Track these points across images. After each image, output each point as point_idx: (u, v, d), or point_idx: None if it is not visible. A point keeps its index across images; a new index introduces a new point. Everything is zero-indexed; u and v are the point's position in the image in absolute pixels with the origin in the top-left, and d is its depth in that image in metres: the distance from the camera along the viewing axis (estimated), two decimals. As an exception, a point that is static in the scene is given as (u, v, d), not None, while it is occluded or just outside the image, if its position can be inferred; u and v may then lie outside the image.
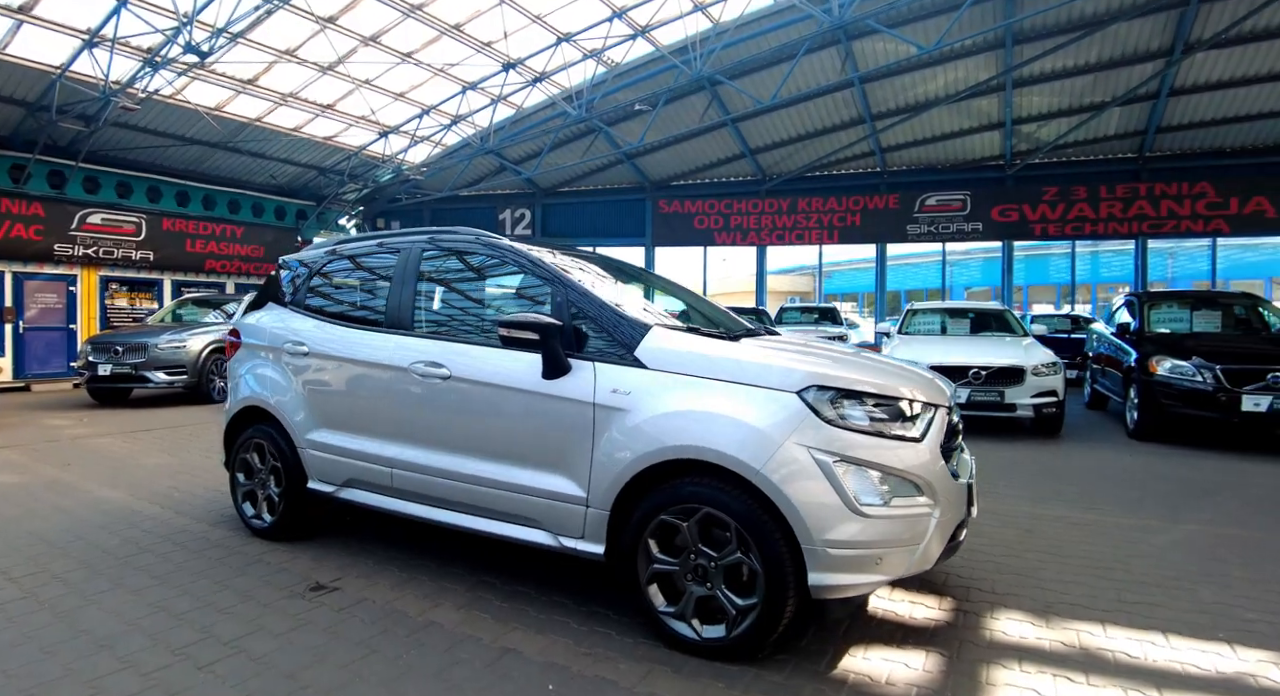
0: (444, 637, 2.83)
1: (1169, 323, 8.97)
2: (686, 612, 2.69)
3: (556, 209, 21.12)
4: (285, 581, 3.42)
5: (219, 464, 5.98)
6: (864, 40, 14.67)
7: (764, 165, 19.44)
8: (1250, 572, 3.68)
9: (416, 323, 3.55)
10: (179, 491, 5.12)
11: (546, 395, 2.97)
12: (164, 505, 4.75)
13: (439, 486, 3.32)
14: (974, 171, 18.97)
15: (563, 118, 16.27)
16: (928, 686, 2.51)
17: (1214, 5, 13.12)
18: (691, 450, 2.63)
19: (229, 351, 4.46)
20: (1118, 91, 15.49)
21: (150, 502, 4.80)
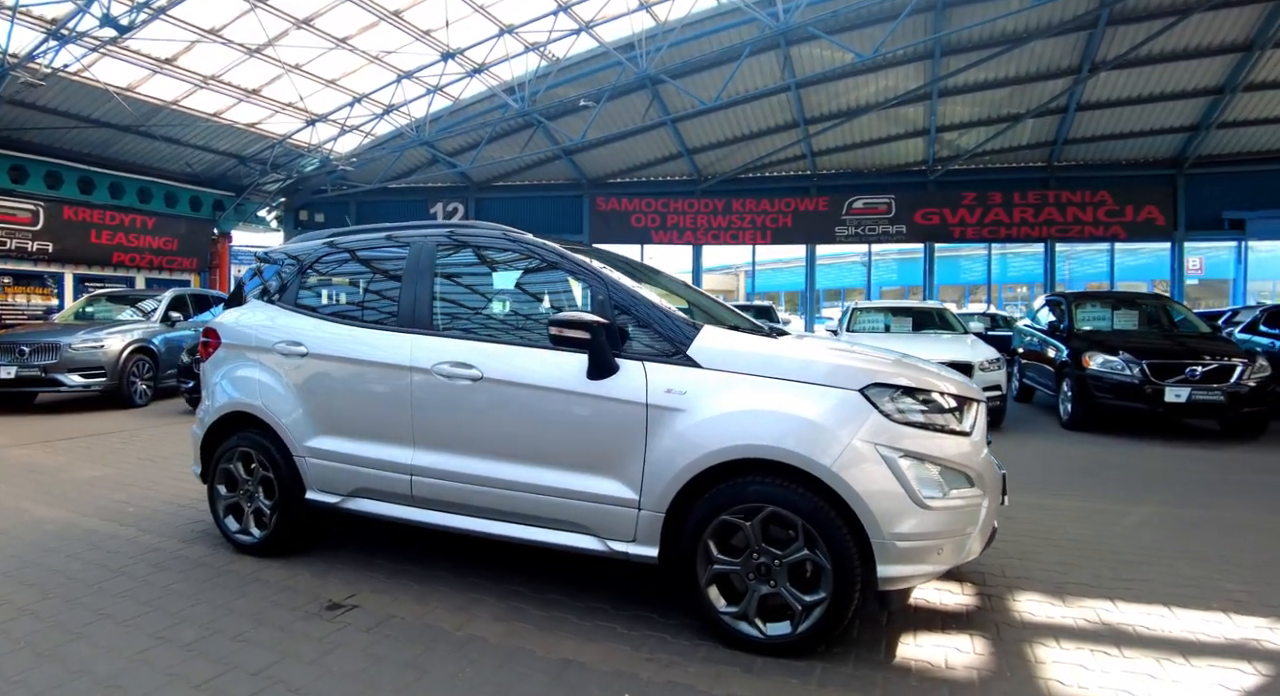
0: (494, 652, 2.70)
1: (1093, 321, 9.65)
2: (749, 612, 2.68)
3: (491, 204, 20.71)
4: (294, 601, 3.17)
5: (169, 475, 5.57)
6: (803, 46, 15.06)
7: (700, 165, 19.69)
8: (1213, 548, 4.00)
9: (435, 321, 3.36)
10: (132, 506, 4.69)
11: (594, 396, 2.88)
12: (121, 522, 4.34)
13: (469, 493, 3.15)
14: (898, 176, 19.83)
15: (502, 110, 15.98)
16: (986, 668, 2.61)
17: (1118, 29, 14.17)
18: (760, 449, 2.63)
19: (204, 353, 4.09)
20: (1032, 104, 16.53)
21: (103, 520, 4.37)
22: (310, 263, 3.90)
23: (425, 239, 3.54)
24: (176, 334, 10.70)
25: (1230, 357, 7.55)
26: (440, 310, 3.40)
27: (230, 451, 3.80)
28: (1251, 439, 7.65)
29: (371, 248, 3.78)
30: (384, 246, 3.72)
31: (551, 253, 3.23)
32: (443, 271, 3.49)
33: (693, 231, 20.31)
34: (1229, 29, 14.06)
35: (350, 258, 3.85)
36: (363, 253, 3.81)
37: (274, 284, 3.98)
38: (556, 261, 3.22)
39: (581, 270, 3.13)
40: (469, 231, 3.49)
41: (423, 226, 3.65)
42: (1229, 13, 13.60)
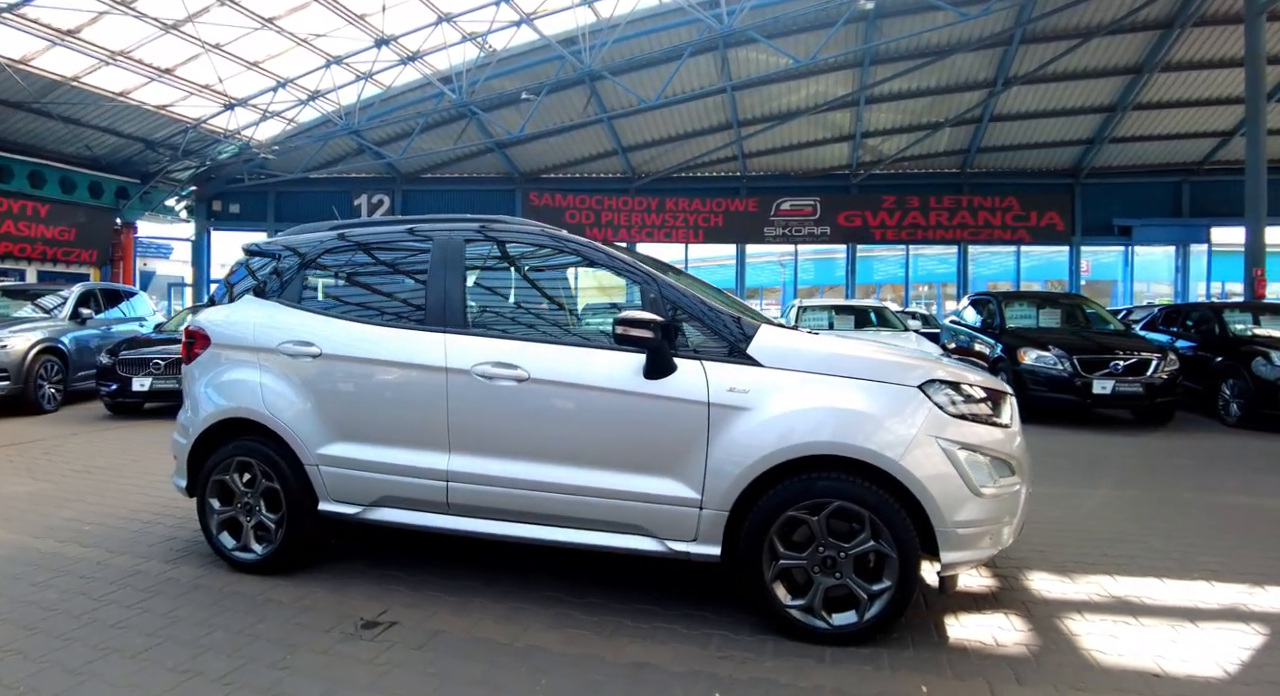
0: (560, 661, 2.62)
1: (1021, 319, 10.34)
2: (815, 604, 2.74)
3: (419, 196, 20.10)
4: (320, 621, 2.96)
5: (114, 488, 5.10)
6: (741, 49, 15.37)
7: (635, 163, 19.79)
8: (1171, 525, 4.39)
9: (468, 320, 3.22)
10: (87, 524, 4.25)
11: (653, 396, 2.85)
12: (82, 543, 3.91)
13: (513, 498, 3.04)
14: (823, 179, 20.58)
15: (436, 100, 15.56)
16: (1032, 643, 2.78)
17: (1029, 47, 15.22)
18: (832, 446, 2.68)
19: (187, 355, 3.74)
20: (950, 114, 17.52)
21: (60, 541, 3.93)
22: (315, 256, 3.64)
23: (450, 233, 3.39)
24: (87, 332, 9.87)
25: (1146, 352, 8.27)
26: (473, 308, 3.27)
27: (225, 462, 3.48)
28: (1160, 426, 8.39)
29: (387, 242, 3.60)
30: (402, 240, 3.55)
31: (595, 250, 3.19)
32: (473, 267, 3.35)
33: (627, 229, 20.38)
34: (1122, 53, 15.36)
35: (362, 252, 3.63)
36: (377, 247, 3.62)
37: (270, 279, 3.69)
38: (600, 259, 3.17)
39: (629, 268, 3.10)
40: (503, 227, 3.38)
41: (446, 220, 3.50)
42: (1123, 38, 14.85)
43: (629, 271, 3.11)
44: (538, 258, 3.41)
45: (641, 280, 3.05)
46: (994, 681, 2.50)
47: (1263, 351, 8.34)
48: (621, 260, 3.14)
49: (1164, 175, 19.07)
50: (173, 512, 4.45)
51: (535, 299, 3.45)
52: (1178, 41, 14.67)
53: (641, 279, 3.05)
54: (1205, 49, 15.00)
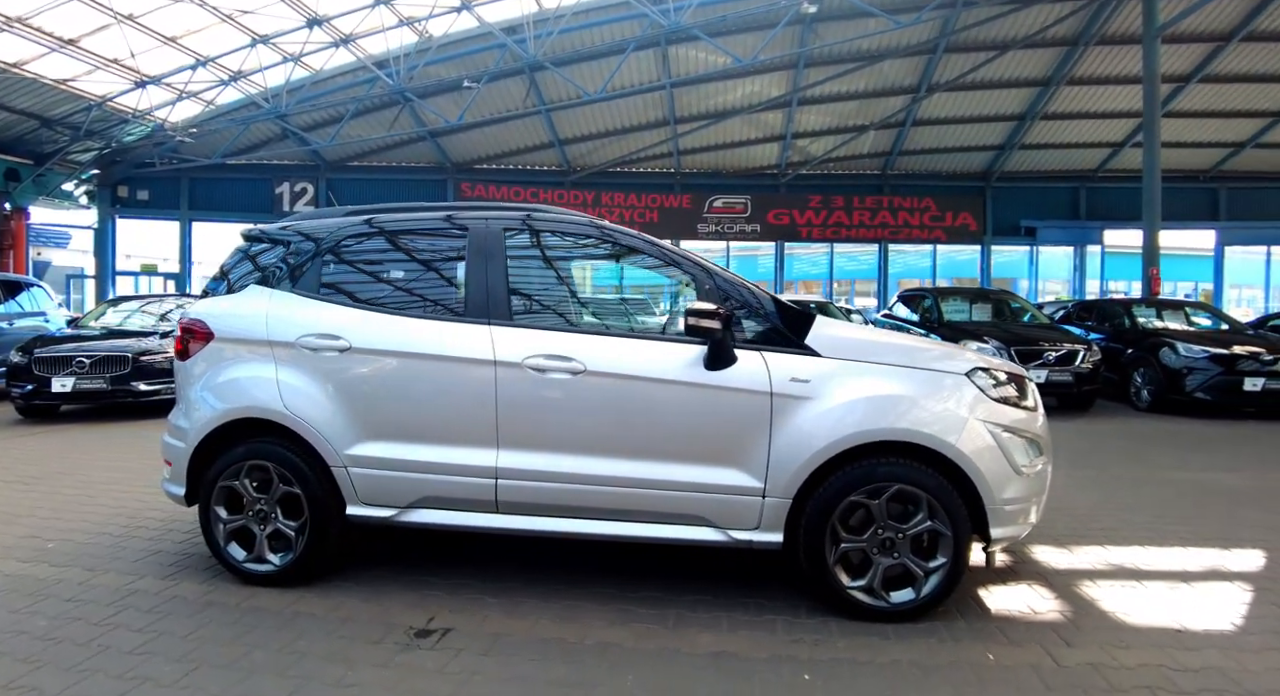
0: (640, 656, 2.61)
1: (956, 313, 10.98)
2: (875, 584, 2.86)
3: (345, 185, 19.27)
4: (366, 633, 2.80)
5: (62, 499, 4.63)
6: (682, 46, 15.54)
7: (571, 157, 19.68)
8: (1133, 500, 4.79)
9: (513, 312, 3.14)
10: (49, 540, 3.84)
11: (714, 387, 2.89)
12: (52, 562, 3.53)
13: (568, 494, 2.99)
14: (754, 178, 21.07)
15: (369, 86, 14.99)
16: (1065, 609, 3.01)
17: (952, 56, 16.09)
18: (893, 432, 2.81)
19: (181, 351, 3.45)
20: (876, 117, 18.30)
21: (24, 561, 3.54)
22: (334, 243, 3.43)
23: (488, 222, 3.29)
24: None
25: (1072, 344, 8.96)
26: (517, 300, 3.20)
27: (235, 466, 3.23)
28: (1083, 413, 9.10)
29: (419, 229, 3.44)
30: (435, 228, 3.42)
31: (646, 242, 3.20)
32: (514, 257, 3.27)
33: (562, 223, 20.24)
34: (1033, 66, 16.47)
35: (389, 240, 3.47)
36: (407, 234, 3.46)
37: (279, 268, 3.46)
38: (652, 251, 3.19)
39: (683, 260, 3.14)
40: (546, 216, 3.33)
41: (486, 207, 3.40)
42: (1035, 52, 15.93)
43: (682, 263, 3.15)
44: (583, 248, 3.38)
45: (696, 272, 3.09)
46: (1047, 646, 2.70)
47: (1169, 343, 9.18)
48: (674, 252, 3.18)
49: (1064, 181, 20.57)
50: (146, 523, 4.14)
51: (583, 291, 3.42)
52: (1081, 58, 15.86)
53: (697, 271, 3.09)
54: (1104, 66, 16.27)
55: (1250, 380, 8.63)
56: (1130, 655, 2.63)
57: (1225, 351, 8.77)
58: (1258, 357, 8.74)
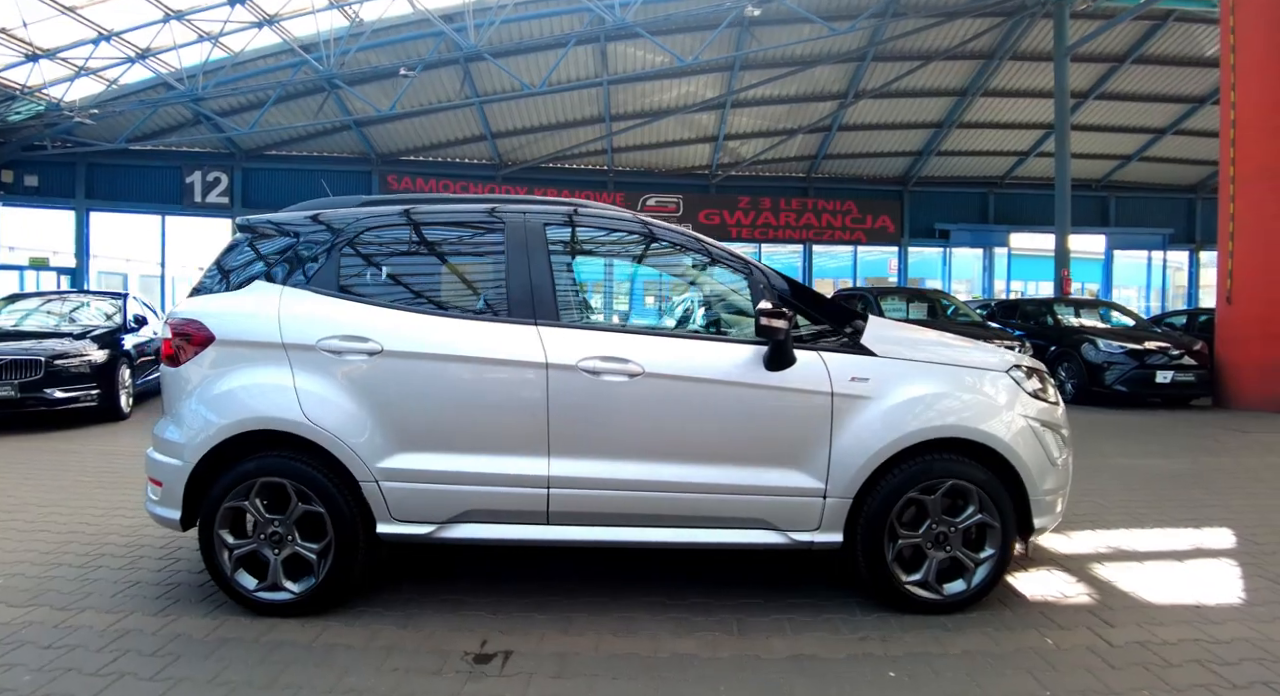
0: (721, 666, 2.55)
1: (893, 313, 11.45)
2: (929, 577, 2.93)
3: (261, 175, 18.16)
4: (419, 663, 2.57)
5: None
6: (621, 44, 15.51)
7: (503, 150, 19.29)
8: (1098, 485, 5.09)
9: (560, 311, 3.00)
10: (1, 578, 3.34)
11: (776, 388, 2.86)
12: (13, 603, 3.05)
13: (624, 501, 2.89)
14: (685, 178, 21.29)
15: (294, 69, 14.19)
16: (1091, 592, 3.19)
17: (878, 65, 16.77)
18: (951, 429, 2.88)
19: (172, 355, 3.08)
20: (804, 122, 18.85)
21: None
22: (354, 235, 3.16)
23: (526, 217, 3.13)
24: None
25: (1006, 341, 9.53)
26: (563, 299, 3.06)
27: (244, 484, 2.92)
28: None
29: (452, 222, 3.24)
30: (471, 221, 3.22)
31: (696, 241, 3.16)
32: (556, 254, 3.13)
33: (493, 218, 19.83)
34: (952, 77, 17.39)
35: (414, 231, 3.24)
36: (434, 226, 3.25)
37: (289, 262, 3.16)
38: (702, 249, 3.16)
39: (734, 259, 3.13)
40: (589, 211, 3.22)
41: (526, 202, 3.24)
42: (955, 63, 16.82)
43: (733, 262, 3.13)
44: (627, 246, 3.31)
45: (749, 271, 3.08)
46: (1093, 627, 2.85)
47: (1090, 339, 9.93)
48: (728, 251, 3.16)
49: (975, 186, 21.81)
50: (108, 551, 3.70)
51: (631, 289, 3.35)
52: (995, 71, 16.86)
53: (752, 270, 3.07)
54: (1015, 80, 17.37)
55: (1161, 373, 9.45)
56: (1168, 632, 2.81)
57: (1139, 347, 9.56)
58: (1167, 352, 9.57)
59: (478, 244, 3.24)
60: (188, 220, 17.73)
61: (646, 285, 3.37)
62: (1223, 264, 9.75)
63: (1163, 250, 21.79)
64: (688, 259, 3.24)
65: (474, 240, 3.25)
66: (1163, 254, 21.85)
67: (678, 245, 3.19)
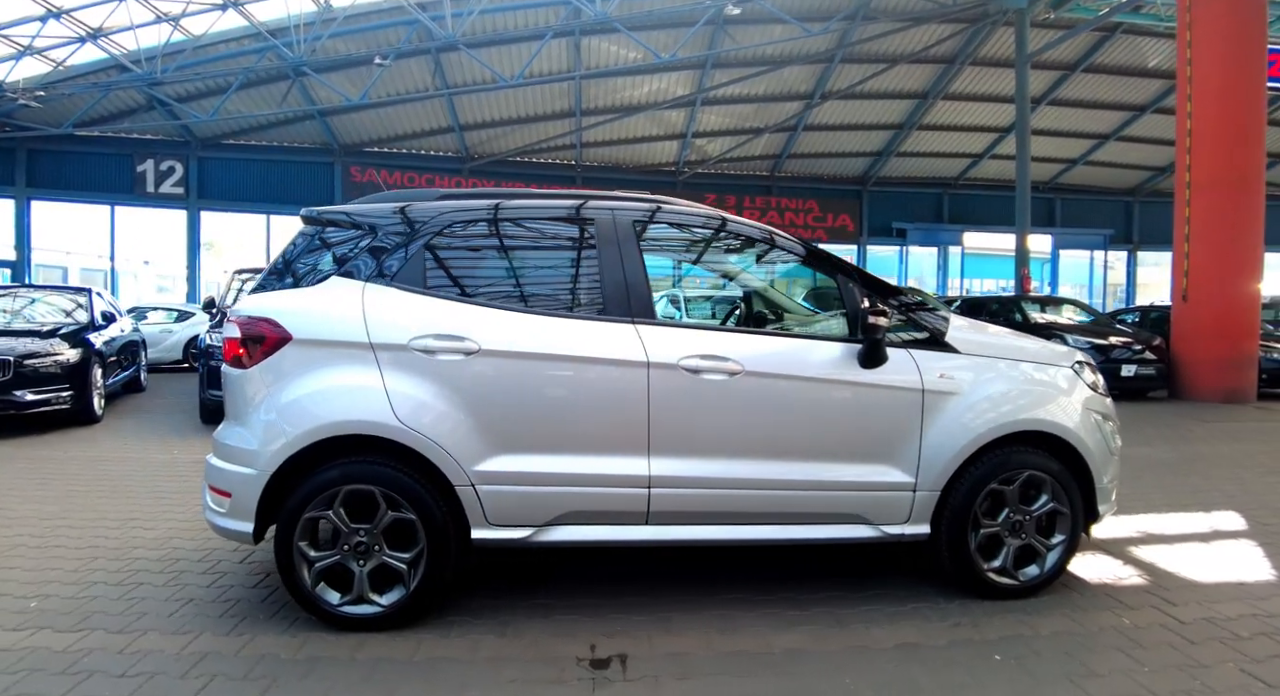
0: (839, 658, 2.59)
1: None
2: (1007, 564, 3.08)
3: (218, 165, 17.45)
4: (536, 673, 2.52)
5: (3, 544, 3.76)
6: (595, 38, 15.47)
7: (470, 143, 19.03)
8: None
9: (655, 310, 3.02)
10: (30, 599, 3.10)
11: (873, 385, 2.94)
12: (58, 628, 2.80)
13: (723, 500, 2.90)
14: (652, 175, 21.38)
15: (257, 55, 13.69)
16: (1141, 573, 3.39)
17: (845, 67, 17.15)
18: (1030, 422, 3.02)
19: (242, 355, 2.92)
20: (771, 121, 19.16)
21: (14, 630, 2.79)
22: (438, 231, 3.04)
23: (614, 213, 3.10)
24: None
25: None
26: (658, 297, 3.13)
27: (328, 493, 2.78)
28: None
29: (534, 216, 3.17)
30: (554, 216, 3.17)
31: (784, 239, 3.21)
32: (647, 251, 3.11)
33: (460, 212, 19.54)
34: (915, 80, 17.93)
35: (500, 227, 3.15)
36: (521, 222, 3.17)
37: (368, 257, 3.01)
38: (785, 247, 3.21)
39: (824, 257, 3.20)
40: (674, 208, 3.22)
41: (602, 197, 3.22)
42: (918, 67, 17.35)
43: (821, 261, 3.21)
44: (711, 243, 3.35)
45: (838, 268, 3.15)
46: (1159, 607, 3.04)
47: (1060, 335, 10.38)
48: (813, 247, 3.23)
49: (930, 187, 22.56)
50: (141, 566, 3.47)
51: (730, 286, 3.37)
52: (956, 75, 17.45)
53: (841, 267, 3.14)
54: (974, 84, 18.01)
55: (1125, 367, 9.98)
56: (1227, 608, 3.02)
57: (1105, 342, 10.08)
58: (1130, 347, 10.12)
59: (567, 240, 3.19)
60: (139, 211, 16.90)
61: (735, 282, 3.40)
62: (1179, 265, 10.35)
63: (1104, 250, 22.95)
64: (773, 257, 3.29)
65: (563, 236, 3.20)
66: (1104, 253, 23.00)
67: (766, 243, 3.24)
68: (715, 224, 3.28)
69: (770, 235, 3.25)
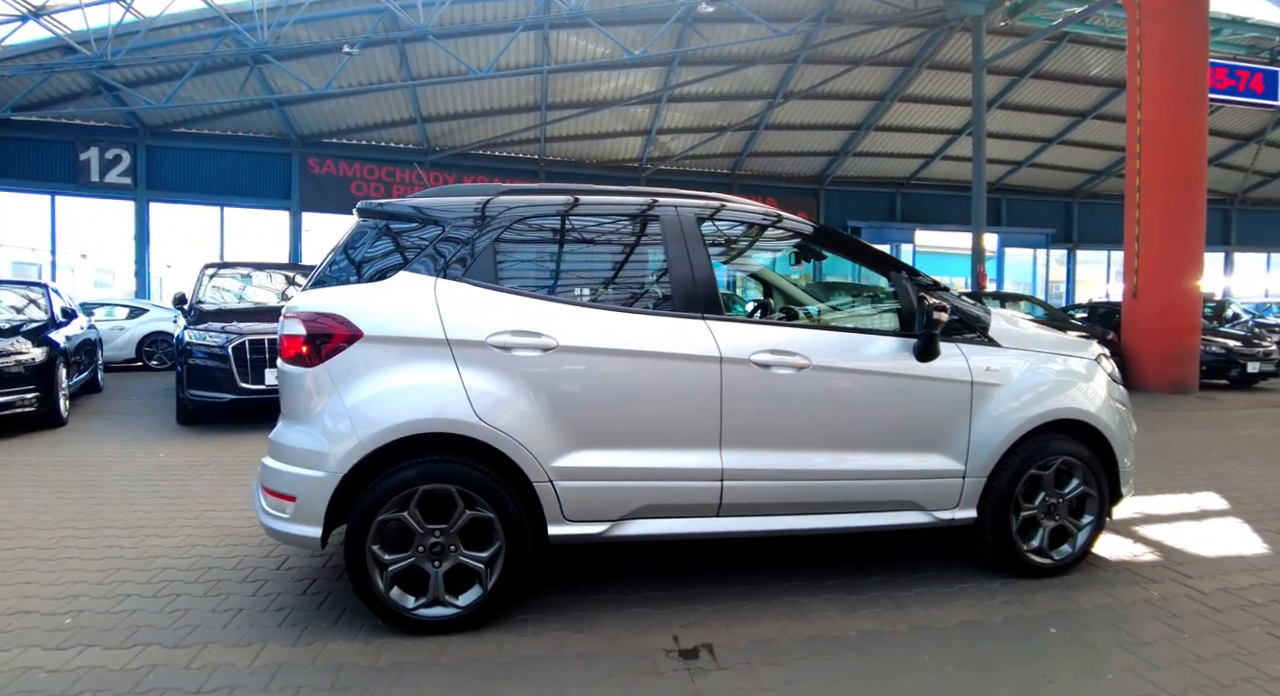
0: (912, 638, 2.73)
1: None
2: (1044, 544, 3.29)
3: (168, 155, 16.69)
4: (630, 666, 2.56)
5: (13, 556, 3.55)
6: (564, 32, 15.39)
7: (432, 135, 18.70)
8: None
9: (722, 305, 3.06)
10: (64, 615, 2.94)
11: (929, 378, 3.10)
12: (107, 644, 2.69)
13: (789, 491, 3.01)
14: (615, 171, 21.38)
15: (215, 40, 13.19)
16: (1153, 552, 3.67)
17: (808, 67, 17.51)
18: (1066, 411, 3.24)
19: (307, 353, 2.84)
20: (734, 120, 19.40)
21: (59, 649, 2.67)
22: (508, 225, 3.02)
23: (678, 210, 3.17)
24: None
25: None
26: (723, 293, 3.15)
27: (404, 493, 2.74)
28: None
29: (601, 212, 3.20)
30: (621, 212, 3.20)
31: (839, 238, 3.38)
32: (711, 248, 3.19)
33: (421, 206, 19.20)
34: (874, 82, 18.42)
35: (569, 222, 3.17)
36: (589, 217, 3.19)
37: (439, 252, 2.96)
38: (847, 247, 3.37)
39: (879, 257, 3.36)
40: (734, 206, 3.32)
41: (661, 194, 3.27)
42: (878, 69, 17.84)
43: (877, 260, 3.37)
44: (770, 240, 3.46)
45: (890, 269, 3.29)
46: (1178, 580, 3.31)
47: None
48: (871, 249, 3.39)
49: (884, 186, 23.21)
50: (171, 576, 3.36)
51: (791, 283, 3.49)
52: (914, 78, 18.02)
53: (894, 268, 3.28)
54: (929, 87, 18.62)
55: (1082, 361, 10.54)
56: (1237, 579, 3.32)
57: (1063, 337, 10.64)
58: (1086, 342, 10.70)
59: (635, 237, 3.24)
60: (83, 201, 16.07)
61: (790, 279, 3.54)
62: (1129, 263, 10.98)
63: (1046, 248, 24.01)
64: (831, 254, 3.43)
65: (631, 233, 3.24)
66: (1045, 252, 24.08)
67: (828, 242, 3.39)
68: (772, 220, 3.40)
69: (822, 232, 3.39)
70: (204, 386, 7.14)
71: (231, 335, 7.20)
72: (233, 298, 8.76)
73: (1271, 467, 5.64)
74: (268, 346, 7.20)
